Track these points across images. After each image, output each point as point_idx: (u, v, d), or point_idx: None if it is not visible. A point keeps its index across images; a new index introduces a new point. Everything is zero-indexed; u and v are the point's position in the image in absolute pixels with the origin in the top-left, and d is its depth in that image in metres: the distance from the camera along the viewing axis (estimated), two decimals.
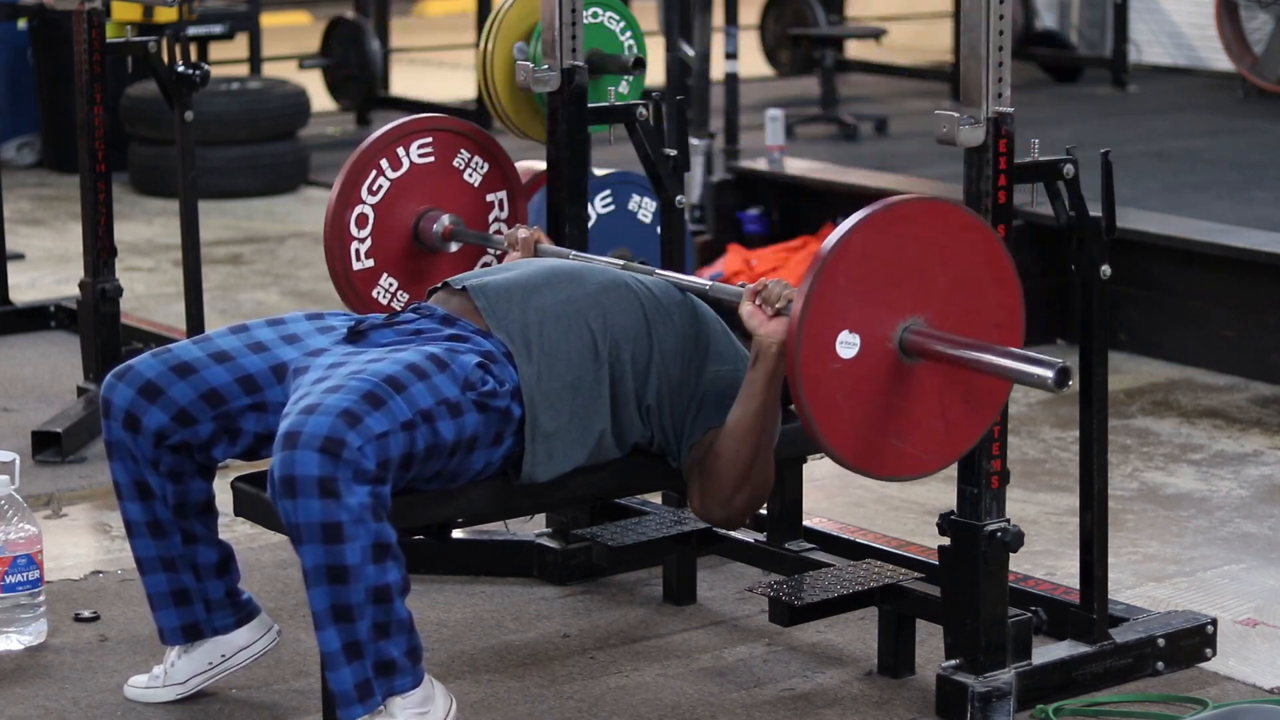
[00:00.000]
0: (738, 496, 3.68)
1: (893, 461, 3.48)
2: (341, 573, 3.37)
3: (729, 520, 3.75)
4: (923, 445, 3.48)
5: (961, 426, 3.52)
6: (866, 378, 3.40)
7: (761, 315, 3.59)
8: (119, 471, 3.73)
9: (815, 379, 3.36)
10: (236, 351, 3.70)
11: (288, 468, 3.35)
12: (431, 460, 3.52)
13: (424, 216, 4.43)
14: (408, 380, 3.49)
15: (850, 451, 3.42)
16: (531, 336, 3.67)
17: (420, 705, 3.50)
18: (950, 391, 3.48)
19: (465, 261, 4.47)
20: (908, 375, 3.44)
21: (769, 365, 3.59)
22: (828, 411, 3.37)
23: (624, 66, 4.59)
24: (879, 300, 3.40)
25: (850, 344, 3.38)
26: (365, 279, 4.41)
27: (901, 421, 3.45)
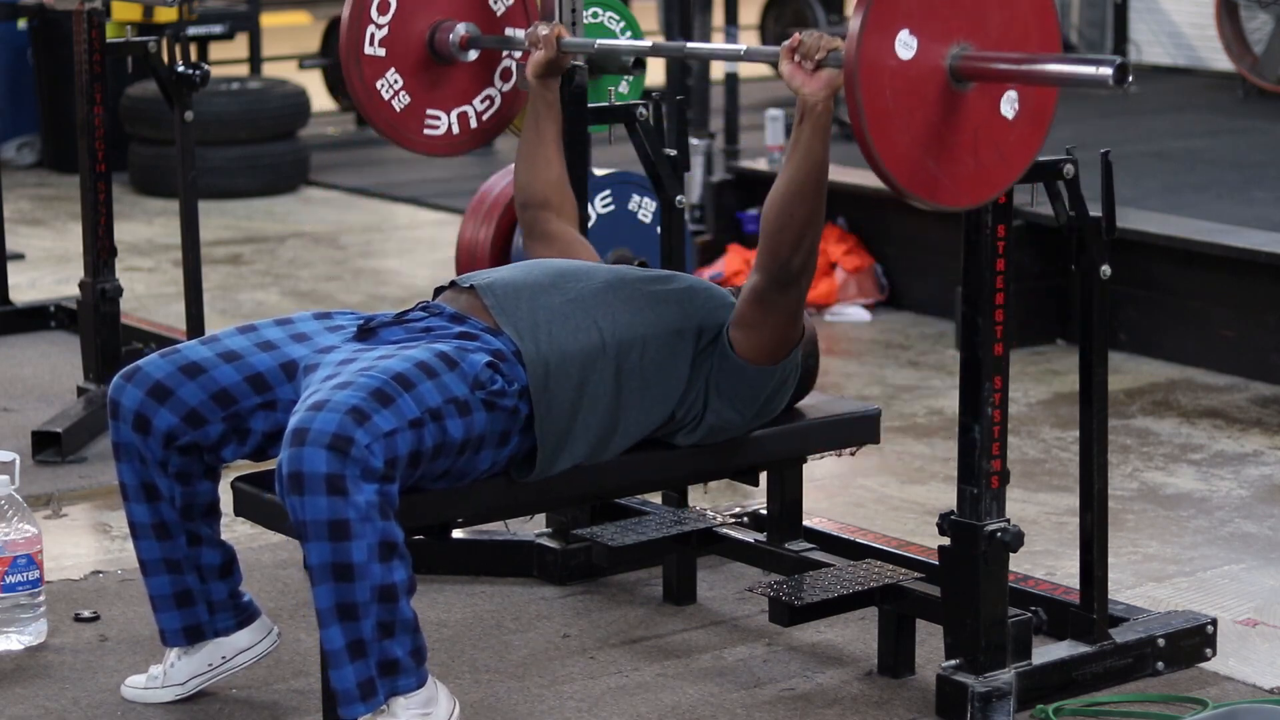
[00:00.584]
0: (795, 257, 3.65)
1: (948, 188, 3.43)
2: (347, 570, 3.37)
3: (789, 280, 3.69)
4: (995, 163, 3.45)
5: (1026, 136, 3.49)
6: (926, 109, 3.36)
7: (803, 73, 3.56)
8: (126, 473, 3.73)
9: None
10: (245, 351, 3.70)
11: (296, 464, 3.35)
12: (439, 459, 3.52)
13: (439, 28, 4.40)
14: (417, 378, 3.49)
15: (904, 175, 3.36)
16: (540, 335, 3.68)
17: (423, 706, 3.49)
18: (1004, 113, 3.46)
19: (481, 71, 4.44)
20: (965, 101, 3.41)
21: (815, 122, 3.56)
22: (884, 132, 3.32)
23: (624, 66, 4.59)
24: (926, 30, 3.36)
25: (909, 45, 3.34)
26: (394, 104, 4.37)
27: (963, 148, 3.41)
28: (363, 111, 4.38)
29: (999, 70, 3.39)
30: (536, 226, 4.23)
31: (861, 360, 6.62)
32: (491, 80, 4.47)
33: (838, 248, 7.25)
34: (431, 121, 4.41)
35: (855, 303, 7.20)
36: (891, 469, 5.41)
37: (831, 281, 7.18)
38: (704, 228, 7.75)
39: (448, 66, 4.41)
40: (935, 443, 5.62)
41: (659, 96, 4.93)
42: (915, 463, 5.46)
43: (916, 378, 6.36)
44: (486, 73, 4.46)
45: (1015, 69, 3.40)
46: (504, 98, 4.48)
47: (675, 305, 3.82)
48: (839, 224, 7.36)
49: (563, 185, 4.26)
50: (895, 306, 7.26)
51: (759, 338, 3.76)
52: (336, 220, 9.11)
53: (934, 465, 5.43)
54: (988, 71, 3.39)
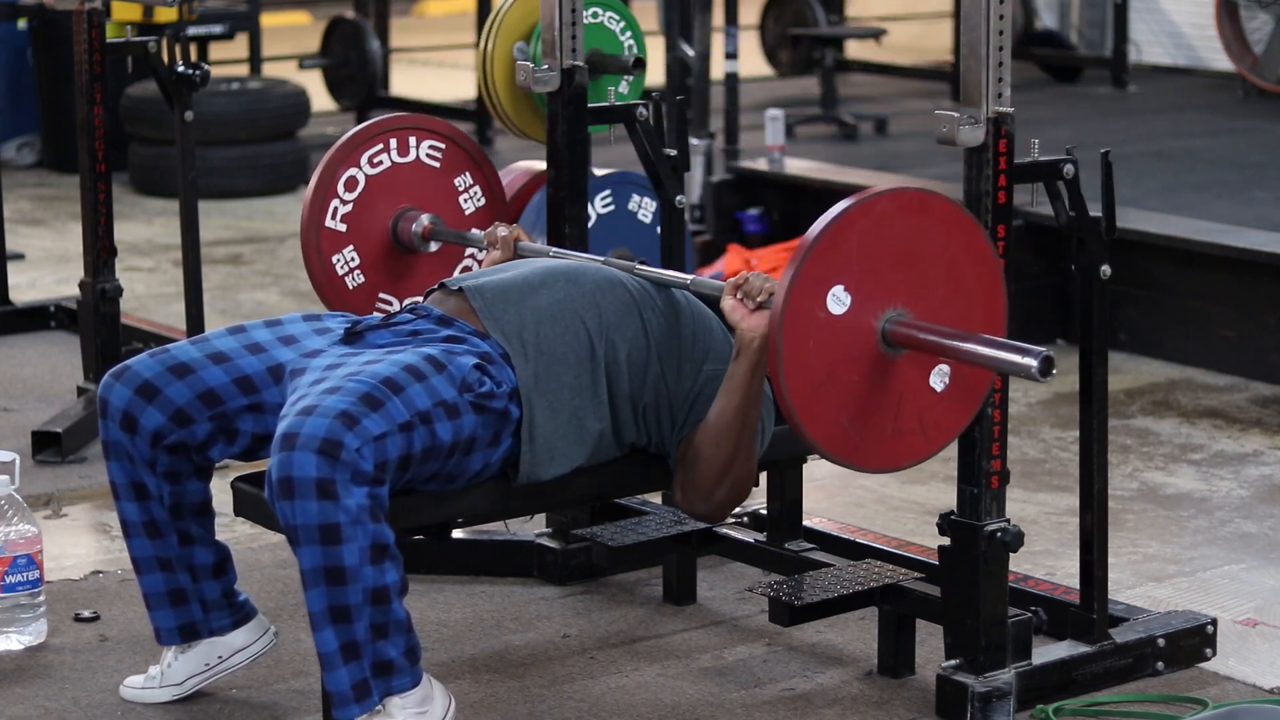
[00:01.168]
0: (718, 491, 3.69)
1: (888, 454, 3.48)
2: (339, 574, 3.37)
3: (710, 514, 3.76)
4: (906, 438, 3.47)
5: (944, 419, 3.52)
6: (850, 369, 3.39)
7: (743, 309, 3.59)
8: (116, 471, 3.73)
9: (798, 368, 3.34)
10: (234, 352, 3.70)
11: (286, 469, 3.35)
12: (429, 461, 3.52)
13: (403, 215, 4.42)
14: (405, 382, 3.49)
15: (833, 444, 3.41)
16: (528, 337, 3.67)
17: (419, 705, 3.50)
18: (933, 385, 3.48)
19: (440, 267, 4.46)
20: (890, 367, 3.44)
21: (751, 359, 3.60)
22: (810, 403, 3.36)
23: (624, 66, 4.59)
24: (863, 289, 3.39)
25: (842, 301, 3.37)
26: (347, 282, 4.39)
27: (884, 414, 3.44)
28: (314, 281, 4.39)
29: (926, 341, 3.41)
30: None
31: None
32: (450, 275, 4.45)
33: None
34: (382, 305, 4.43)
35: None
36: None
37: None
38: (704, 228, 7.75)
39: (407, 255, 4.44)
40: None
41: (659, 96, 4.93)
42: None
43: None
44: (446, 269, 4.47)
45: (942, 343, 3.41)
46: None
47: (666, 306, 3.81)
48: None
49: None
50: None
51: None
52: None
53: (934, 465, 5.42)
54: (915, 340, 3.41)
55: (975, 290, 3.50)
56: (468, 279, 3.80)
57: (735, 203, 7.79)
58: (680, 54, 8.08)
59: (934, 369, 3.47)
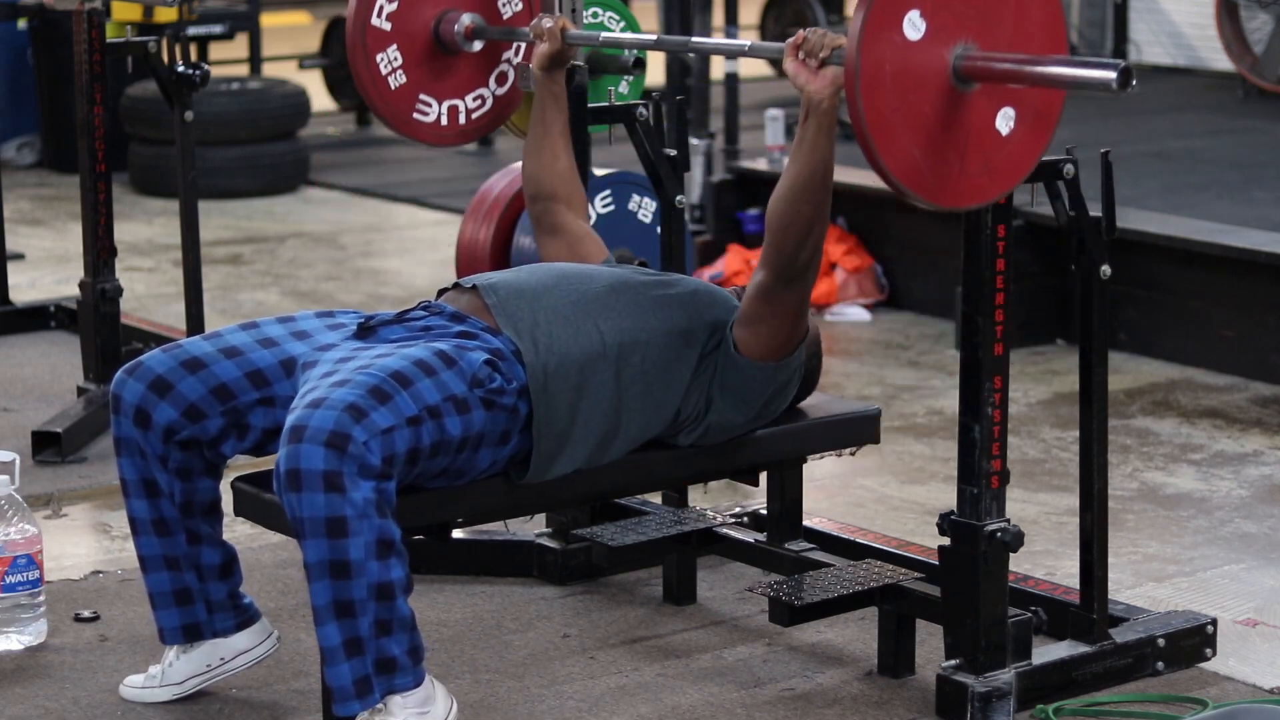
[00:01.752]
0: (801, 253, 3.67)
1: (955, 191, 3.43)
2: (344, 568, 3.37)
3: (796, 277, 3.70)
4: (971, 178, 3.44)
5: (1007, 162, 3.48)
6: (922, 98, 3.35)
7: (807, 71, 3.57)
8: (127, 468, 3.73)
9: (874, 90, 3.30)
10: (246, 347, 3.71)
11: (293, 461, 3.36)
12: (438, 457, 3.53)
13: (443, 19, 4.41)
14: (415, 376, 3.49)
15: (905, 172, 3.36)
16: (540, 335, 3.68)
17: (420, 705, 3.49)
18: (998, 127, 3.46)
19: (479, 69, 4.45)
20: (960, 103, 3.40)
21: (819, 120, 3.57)
22: (885, 127, 3.32)
23: (624, 66, 4.59)
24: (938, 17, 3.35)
25: (918, 26, 3.33)
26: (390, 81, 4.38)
27: (952, 150, 3.40)
28: (358, 83, 4.38)
29: (1002, 70, 3.39)
30: (545, 219, 4.23)
31: (861, 360, 6.62)
32: (487, 81, 4.47)
33: (838, 248, 7.25)
34: (422, 107, 4.42)
35: (855, 303, 7.20)
36: (891, 469, 5.41)
37: (831, 281, 7.18)
38: (704, 228, 7.75)
39: (448, 56, 4.42)
40: (935, 443, 5.62)
41: (659, 96, 4.93)
42: (915, 463, 5.46)
43: (916, 378, 6.37)
44: (484, 72, 4.46)
45: (1018, 69, 3.39)
46: (496, 100, 4.49)
47: (679, 308, 3.82)
48: (839, 224, 7.36)
49: (570, 177, 4.26)
50: (895, 306, 7.26)
51: (764, 334, 3.76)
52: (336, 220, 9.11)
53: (934, 465, 5.43)
54: (991, 71, 3.39)
55: (1038, 27, 3.47)
56: (481, 278, 3.81)
57: (735, 203, 7.79)
58: (680, 54, 8.08)
59: (1000, 111, 3.45)
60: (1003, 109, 3.46)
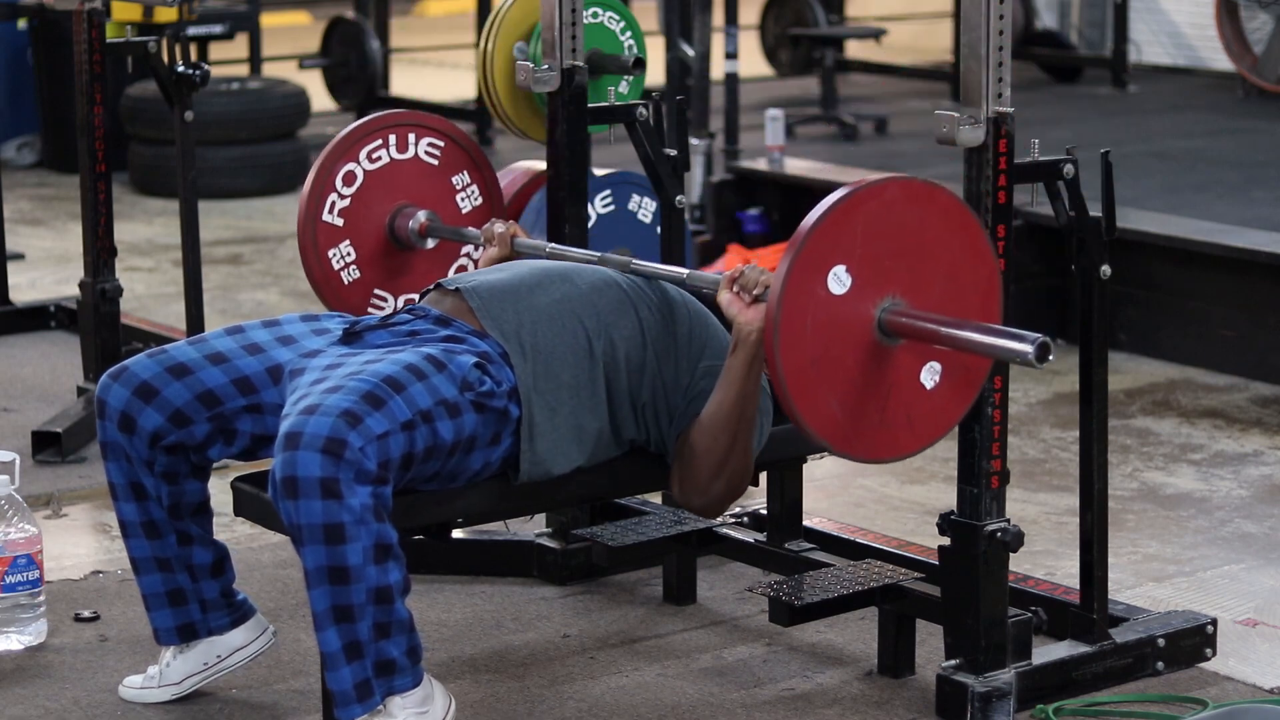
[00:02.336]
0: (715, 484, 3.69)
1: (873, 444, 3.47)
2: (343, 573, 3.37)
3: (706, 508, 3.75)
4: (893, 430, 3.47)
5: (932, 416, 3.52)
6: (844, 352, 3.39)
7: (740, 303, 3.59)
8: (114, 472, 3.73)
9: (794, 344, 3.34)
10: (232, 353, 3.70)
11: (289, 469, 3.35)
12: (430, 460, 3.52)
13: (400, 212, 4.42)
14: (406, 380, 3.49)
15: (823, 426, 3.40)
16: (525, 336, 3.68)
17: (420, 705, 3.50)
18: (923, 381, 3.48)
19: (436, 264, 4.46)
20: (883, 357, 3.43)
21: (748, 352, 3.59)
22: (803, 380, 3.36)
23: (624, 66, 4.59)
24: (864, 273, 3.39)
25: (843, 281, 3.37)
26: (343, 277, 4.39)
27: (873, 403, 3.43)
28: (309, 275, 4.38)
29: (923, 329, 3.41)
30: None
31: None
32: (445, 274, 4.45)
33: None
34: (377, 301, 4.43)
35: None
36: (891, 469, 5.41)
37: None
38: (704, 228, 7.75)
39: (403, 252, 4.44)
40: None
41: (659, 96, 4.93)
42: (915, 463, 5.46)
43: None
44: (441, 266, 4.47)
45: (939, 330, 3.40)
46: None
47: (662, 304, 3.81)
48: None
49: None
50: None
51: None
52: None
53: (934, 465, 5.43)
54: (912, 328, 3.41)
55: (973, 289, 3.50)
56: (464, 279, 3.80)
57: (735, 203, 7.79)
58: (680, 54, 8.09)
59: (926, 365, 3.47)
60: (929, 363, 3.48)
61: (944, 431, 3.56)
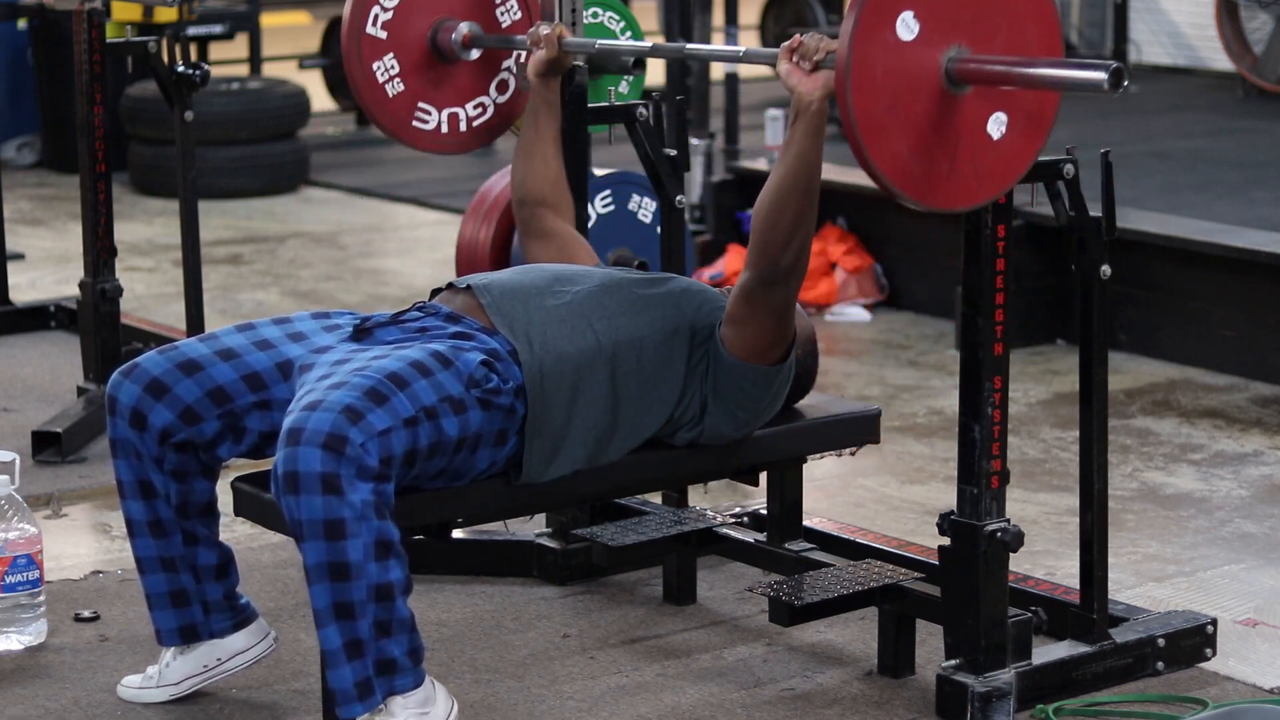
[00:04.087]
0: (785, 255, 3.66)
1: (942, 192, 3.43)
2: (343, 570, 3.37)
3: (780, 277, 3.68)
4: (960, 180, 3.44)
5: (997, 167, 3.48)
6: (913, 99, 3.35)
7: (800, 72, 3.57)
8: (123, 470, 3.73)
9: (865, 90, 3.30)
10: (243, 349, 3.70)
11: (291, 464, 3.35)
12: (435, 457, 3.52)
13: (440, 27, 4.41)
14: (411, 377, 3.49)
15: (894, 172, 3.36)
16: (534, 335, 3.68)
17: (421, 706, 3.49)
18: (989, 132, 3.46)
19: (479, 77, 4.45)
20: (951, 105, 3.40)
21: (808, 122, 3.58)
22: (875, 127, 3.32)
23: (624, 66, 4.59)
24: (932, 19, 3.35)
25: (911, 28, 3.33)
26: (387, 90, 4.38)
27: (942, 151, 3.40)
28: (355, 91, 4.38)
29: (994, 72, 3.39)
30: (533, 224, 4.23)
31: (861, 360, 6.62)
32: (487, 89, 4.47)
33: (838, 248, 7.25)
34: (421, 114, 4.41)
35: (855, 303, 7.20)
36: (891, 469, 5.41)
37: (831, 281, 7.18)
38: (704, 228, 7.75)
39: (447, 65, 4.42)
40: (935, 443, 5.62)
41: (659, 96, 4.94)
42: (915, 463, 5.46)
43: (916, 378, 6.37)
44: (483, 80, 4.46)
45: (1009, 71, 3.39)
46: (497, 108, 4.48)
47: (670, 307, 3.82)
48: (839, 224, 7.36)
49: (560, 183, 4.26)
50: (895, 306, 7.26)
51: (750, 334, 3.76)
52: (336, 220, 9.11)
53: (934, 465, 5.43)
54: (983, 73, 3.39)
55: (1034, 35, 3.46)
56: (476, 278, 3.81)
57: (735, 203, 7.79)
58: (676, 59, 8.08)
59: (992, 116, 3.44)
60: (995, 113, 3.46)
61: (1009, 183, 3.51)
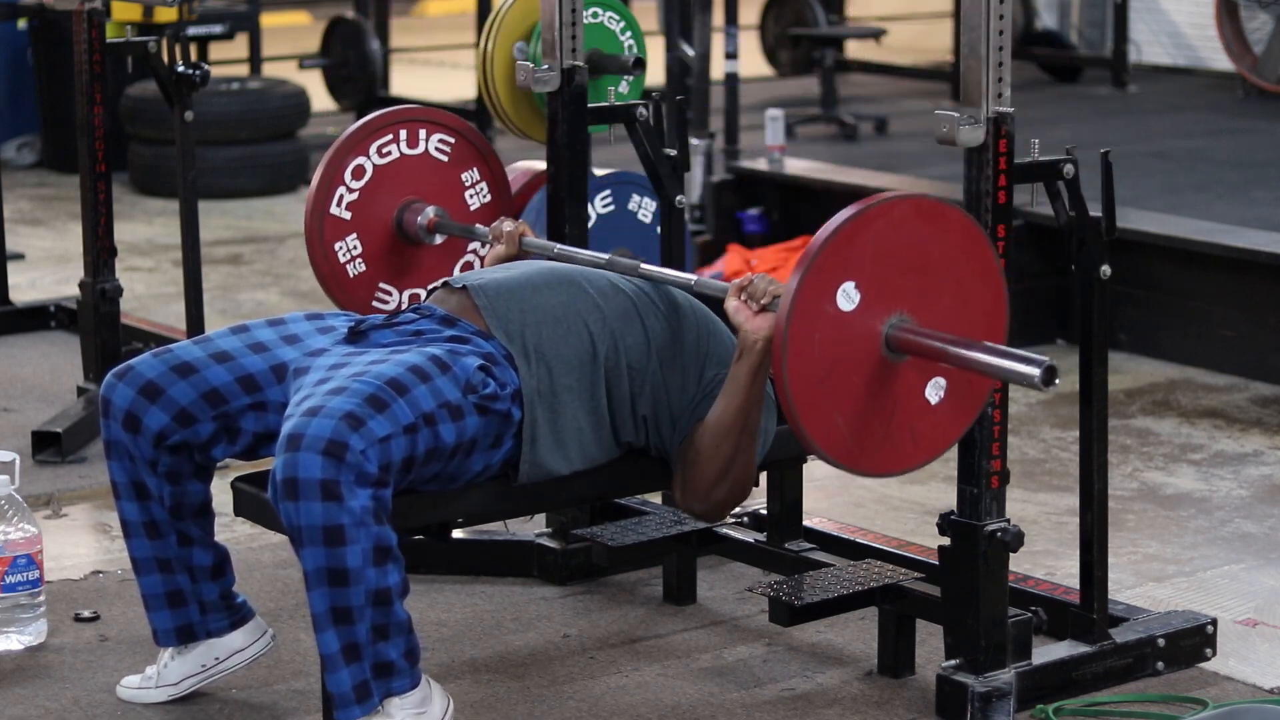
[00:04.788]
0: (716, 490, 3.69)
1: (876, 458, 3.47)
2: (342, 575, 3.37)
3: (708, 514, 3.76)
4: (897, 445, 3.47)
5: (936, 431, 3.51)
6: (851, 368, 3.39)
7: (747, 311, 3.58)
8: (117, 471, 3.73)
9: (802, 360, 3.34)
10: (237, 351, 3.70)
11: (290, 470, 3.35)
12: (431, 463, 3.52)
13: (409, 207, 4.42)
14: (410, 383, 3.49)
15: (829, 442, 3.40)
16: (530, 338, 3.67)
17: (418, 706, 3.50)
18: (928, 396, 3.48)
19: (443, 260, 4.46)
20: (889, 373, 3.43)
21: (753, 360, 3.59)
22: (810, 397, 3.35)
23: (624, 66, 4.59)
24: (872, 289, 3.39)
25: (851, 298, 3.36)
26: (349, 270, 4.39)
27: (879, 419, 3.43)
28: (315, 267, 4.38)
29: (930, 347, 3.40)
30: None
31: None
32: (451, 270, 4.46)
33: None
34: (382, 295, 4.42)
35: None
36: None
37: None
38: (704, 228, 7.75)
39: (410, 247, 4.44)
40: None
41: (659, 96, 4.93)
42: None
43: None
44: (448, 262, 4.47)
45: (946, 349, 3.40)
46: None
47: (669, 310, 3.81)
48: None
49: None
50: None
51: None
52: None
53: (934, 465, 5.38)
54: (919, 346, 3.40)
55: (979, 307, 3.49)
56: (471, 277, 3.80)
57: (735, 203, 7.79)
58: (680, 54, 8.09)
59: (930, 381, 3.47)
60: (934, 379, 3.48)
61: (947, 446, 3.55)
